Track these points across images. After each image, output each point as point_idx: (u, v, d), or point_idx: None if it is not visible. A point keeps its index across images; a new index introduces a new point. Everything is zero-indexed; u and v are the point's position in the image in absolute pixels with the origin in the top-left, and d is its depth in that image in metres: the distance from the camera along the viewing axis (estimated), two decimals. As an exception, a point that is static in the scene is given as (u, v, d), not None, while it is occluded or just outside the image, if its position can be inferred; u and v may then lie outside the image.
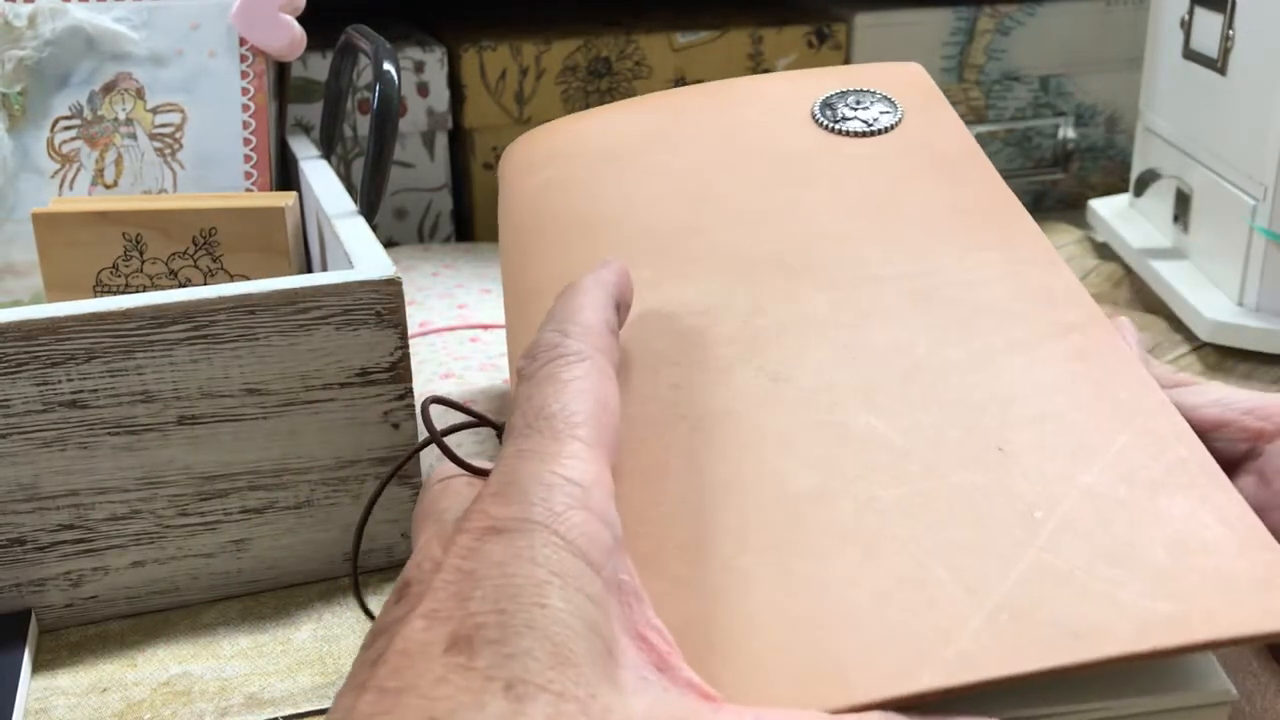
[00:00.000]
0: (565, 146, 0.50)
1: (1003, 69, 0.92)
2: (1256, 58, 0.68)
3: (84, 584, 0.47)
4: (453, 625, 0.25)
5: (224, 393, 0.46)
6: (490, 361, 0.60)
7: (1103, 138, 0.96)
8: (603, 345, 0.34)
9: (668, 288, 0.41)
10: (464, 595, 0.26)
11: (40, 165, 0.62)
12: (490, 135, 0.82)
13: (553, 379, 0.32)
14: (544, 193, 0.48)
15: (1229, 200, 0.71)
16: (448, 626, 0.25)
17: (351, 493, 0.49)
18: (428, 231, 0.84)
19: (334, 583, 0.50)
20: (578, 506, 0.28)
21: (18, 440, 0.44)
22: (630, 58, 0.83)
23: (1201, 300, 0.71)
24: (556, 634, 0.25)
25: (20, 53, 0.62)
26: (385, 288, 0.46)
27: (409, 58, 0.79)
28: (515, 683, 0.24)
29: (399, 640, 0.25)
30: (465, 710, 0.23)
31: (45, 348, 0.43)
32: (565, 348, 0.33)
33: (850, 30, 0.87)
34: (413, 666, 0.25)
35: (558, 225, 0.46)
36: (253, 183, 0.63)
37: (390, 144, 0.57)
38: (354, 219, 0.54)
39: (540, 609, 0.25)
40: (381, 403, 0.48)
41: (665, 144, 0.48)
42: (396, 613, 0.27)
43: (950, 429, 0.35)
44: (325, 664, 0.45)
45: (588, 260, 0.42)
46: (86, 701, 0.44)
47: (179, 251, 0.56)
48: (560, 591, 0.25)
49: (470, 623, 0.25)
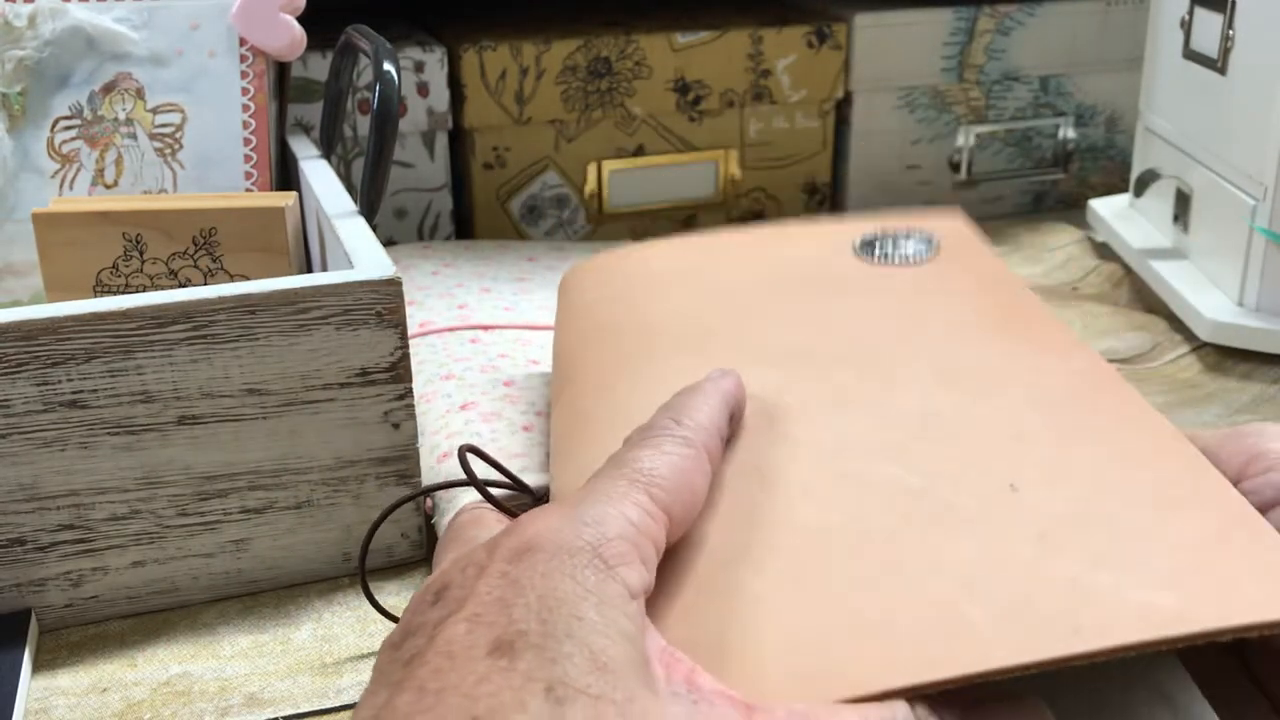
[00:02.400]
0: (622, 270, 0.54)
1: (1003, 69, 0.92)
2: (1256, 58, 0.68)
3: (84, 584, 0.47)
4: (496, 630, 0.26)
5: (224, 393, 0.46)
6: (490, 363, 0.60)
7: (1103, 138, 0.96)
8: (710, 444, 0.35)
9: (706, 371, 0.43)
10: (508, 602, 0.27)
11: (40, 165, 0.62)
12: (490, 135, 0.82)
13: (654, 447, 0.33)
14: (598, 305, 0.52)
15: (1229, 200, 0.71)
16: (491, 631, 0.26)
17: (351, 493, 0.49)
18: (428, 231, 0.84)
19: (334, 583, 0.50)
20: (626, 541, 0.29)
21: (18, 440, 0.44)
22: (630, 58, 0.83)
23: (1201, 300, 0.71)
24: (594, 642, 0.26)
25: (20, 53, 0.62)
26: (385, 288, 0.46)
27: (409, 58, 0.79)
28: (555, 685, 0.25)
29: (441, 642, 0.26)
30: (507, 710, 0.24)
31: (45, 348, 0.43)
32: (675, 431, 0.35)
33: (850, 30, 0.87)
34: (455, 668, 0.25)
35: (608, 330, 0.49)
36: (253, 183, 0.63)
37: (390, 144, 0.56)
38: (354, 219, 0.54)
39: (578, 620, 0.26)
40: (381, 403, 0.48)
41: (712, 269, 0.52)
42: (434, 614, 0.27)
43: (968, 471, 0.36)
44: (325, 664, 0.45)
45: (632, 354, 0.46)
46: (86, 701, 0.44)
47: (179, 251, 0.56)
48: (597, 607, 0.27)
49: (513, 629, 0.26)
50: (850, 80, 0.88)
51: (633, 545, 0.29)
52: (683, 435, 0.34)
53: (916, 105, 0.91)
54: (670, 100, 0.85)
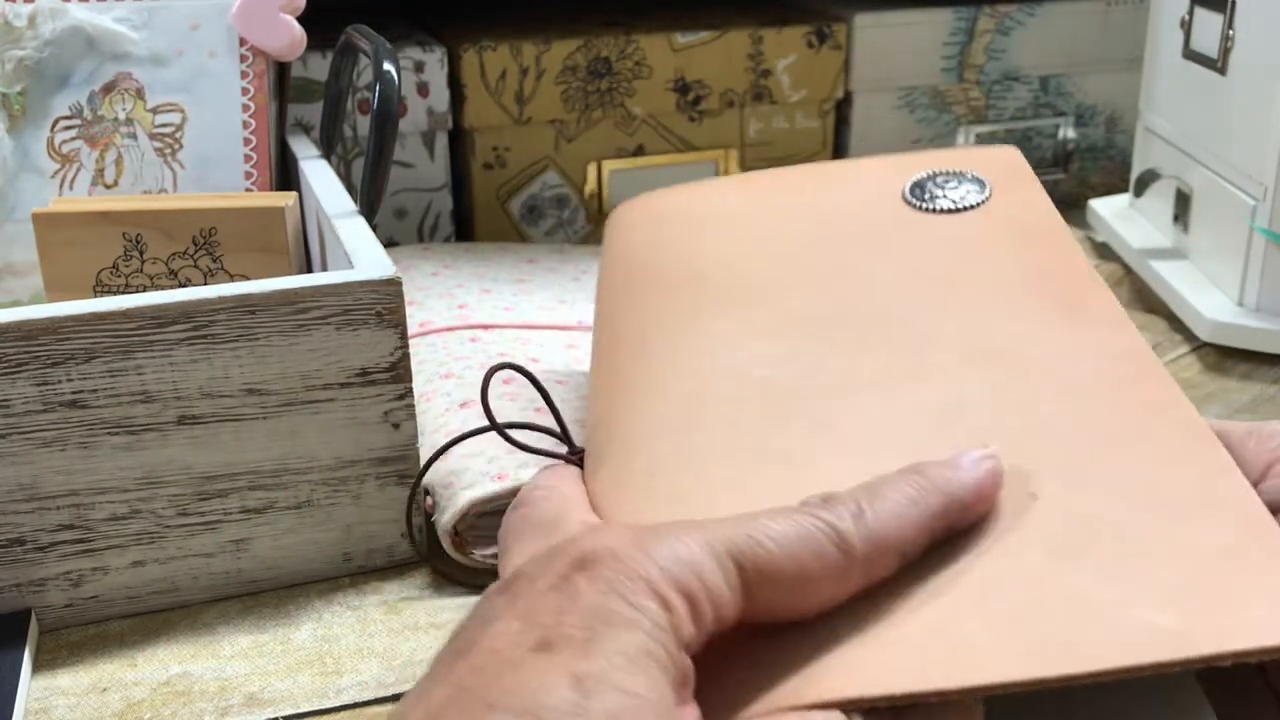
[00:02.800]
0: (667, 211, 0.53)
1: (1003, 69, 0.92)
2: (1256, 58, 0.68)
3: (84, 584, 0.47)
4: (543, 632, 0.27)
5: (224, 393, 0.46)
6: (490, 363, 0.60)
7: (1103, 138, 0.96)
8: (873, 559, 0.30)
9: (743, 338, 0.44)
10: (562, 609, 0.27)
11: (40, 165, 0.62)
12: (490, 135, 0.82)
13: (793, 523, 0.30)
14: (643, 249, 0.51)
15: (1229, 200, 0.71)
16: (539, 632, 0.27)
17: (351, 493, 0.49)
18: (428, 231, 0.84)
19: (334, 583, 0.50)
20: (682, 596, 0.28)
21: (18, 440, 0.44)
22: (630, 58, 0.83)
23: (1201, 300, 0.71)
24: (634, 653, 0.26)
25: (20, 53, 0.62)
26: (385, 288, 0.46)
27: (409, 58, 0.79)
28: (585, 678, 0.25)
29: (488, 637, 0.27)
30: (531, 693, 0.25)
31: (45, 348, 0.43)
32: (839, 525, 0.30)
33: (850, 30, 0.87)
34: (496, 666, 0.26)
35: (651, 278, 0.49)
36: (253, 183, 0.63)
37: (390, 144, 0.56)
38: (354, 219, 0.54)
39: (626, 633, 0.26)
40: (381, 403, 0.48)
41: (758, 213, 0.51)
42: (496, 605, 0.28)
43: None
44: (325, 664, 0.45)
45: (671, 311, 0.46)
46: (86, 701, 0.44)
47: (179, 251, 0.56)
48: (645, 630, 0.27)
49: (559, 632, 0.26)
50: (850, 80, 0.88)
51: (688, 601, 0.28)
52: (842, 531, 0.29)
53: (916, 105, 0.91)
54: (670, 100, 0.85)
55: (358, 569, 0.50)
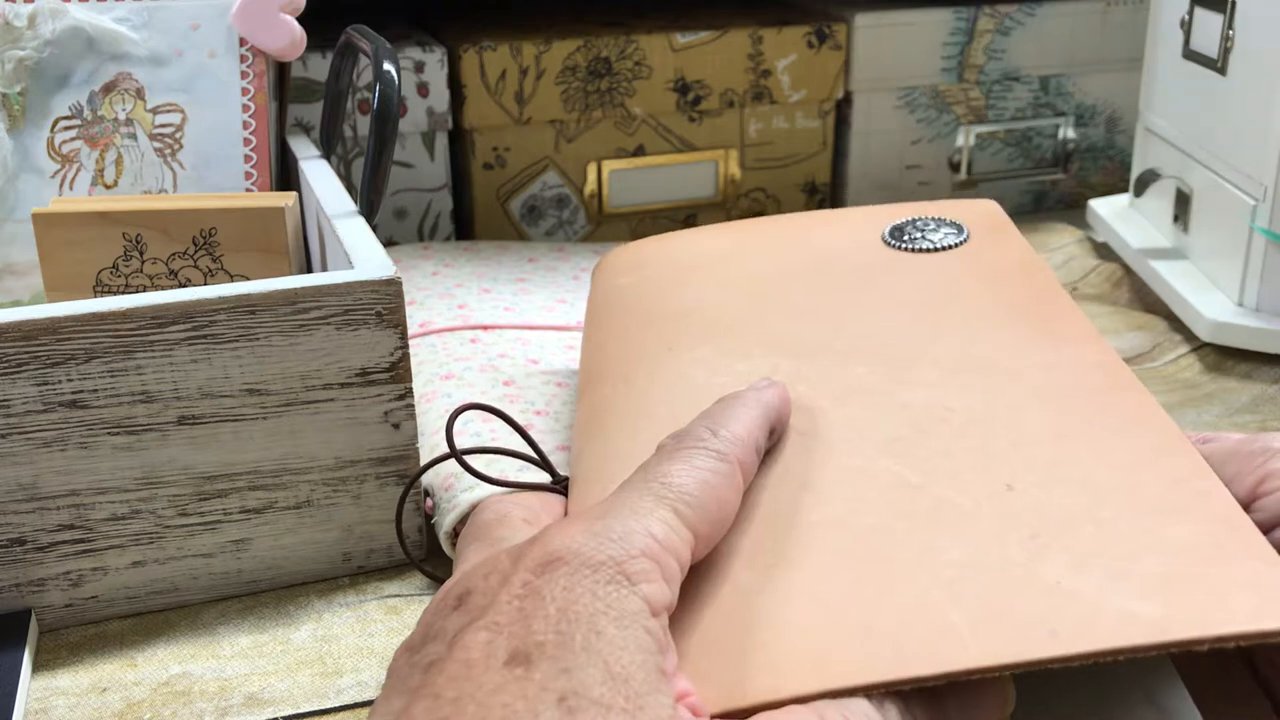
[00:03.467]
0: (651, 258, 0.55)
1: (1003, 69, 0.92)
2: (1256, 58, 0.68)
3: (84, 584, 0.47)
4: (515, 641, 0.26)
5: (224, 393, 0.46)
6: (490, 363, 0.60)
7: (1103, 138, 0.96)
8: (744, 458, 0.35)
9: (723, 362, 0.44)
10: (528, 613, 0.27)
11: (40, 165, 0.62)
12: (490, 135, 0.82)
13: (685, 460, 0.33)
14: (626, 291, 0.52)
15: (1229, 200, 0.71)
16: (511, 641, 0.26)
17: (351, 493, 0.49)
18: (428, 231, 0.84)
19: (334, 583, 0.50)
20: (649, 558, 0.29)
21: (18, 440, 0.44)
22: (630, 58, 0.83)
23: (1201, 300, 0.71)
24: (611, 656, 0.26)
25: (20, 53, 0.62)
26: (385, 288, 0.46)
27: (409, 58, 0.79)
28: (569, 695, 0.25)
29: (460, 649, 0.27)
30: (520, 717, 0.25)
31: (45, 348, 0.43)
32: (709, 444, 0.34)
33: (850, 30, 0.87)
34: (471, 676, 0.26)
35: (633, 315, 0.50)
36: (253, 183, 0.63)
37: (390, 144, 0.56)
38: (354, 219, 0.54)
39: (596, 635, 0.27)
40: (381, 403, 0.48)
41: (739, 257, 0.52)
42: (455, 621, 0.28)
43: (966, 471, 0.36)
44: (325, 664, 0.45)
45: (653, 342, 0.47)
46: (86, 701, 0.44)
47: (179, 251, 0.56)
48: (616, 622, 0.27)
49: (531, 640, 0.26)
50: (850, 80, 0.88)
51: (656, 562, 0.29)
52: (716, 449, 0.34)
53: (916, 105, 0.91)
54: (670, 100, 0.85)
55: (357, 569, 0.51)
